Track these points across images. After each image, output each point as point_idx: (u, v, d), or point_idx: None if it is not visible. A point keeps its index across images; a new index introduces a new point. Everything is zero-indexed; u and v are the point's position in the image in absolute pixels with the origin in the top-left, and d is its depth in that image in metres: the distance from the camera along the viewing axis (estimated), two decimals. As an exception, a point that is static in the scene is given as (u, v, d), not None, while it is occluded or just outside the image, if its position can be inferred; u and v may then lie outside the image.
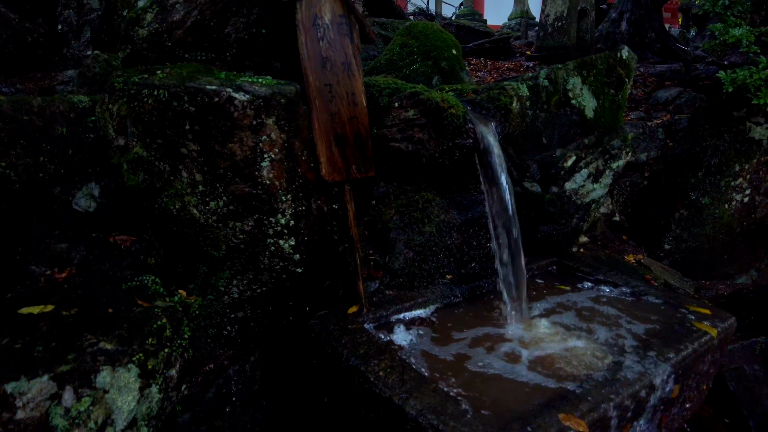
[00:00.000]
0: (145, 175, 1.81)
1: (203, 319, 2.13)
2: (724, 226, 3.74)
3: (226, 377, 2.21)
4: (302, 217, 1.92)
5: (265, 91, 1.67)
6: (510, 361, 1.95)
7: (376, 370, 1.80)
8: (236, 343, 2.28)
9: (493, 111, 2.47)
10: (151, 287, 1.73)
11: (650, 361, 1.89)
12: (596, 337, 2.10)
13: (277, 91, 1.71)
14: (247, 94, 1.63)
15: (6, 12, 3.31)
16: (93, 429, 1.22)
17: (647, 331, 2.18)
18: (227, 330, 2.24)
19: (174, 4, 1.84)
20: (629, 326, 2.20)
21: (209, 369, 2.23)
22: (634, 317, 2.29)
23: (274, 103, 1.70)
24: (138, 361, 1.35)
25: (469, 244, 2.59)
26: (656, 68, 6.04)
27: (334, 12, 2.09)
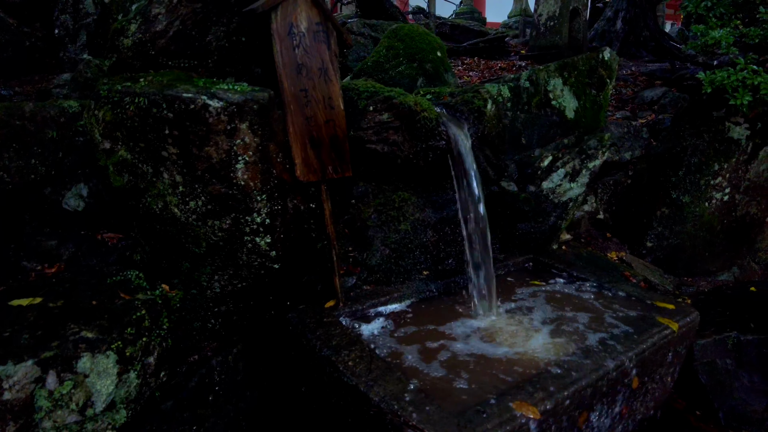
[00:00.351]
0: (129, 177, 1.93)
1: (187, 312, 2.25)
2: (705, 224, 3.83)
3: (209, 367, 2.33)
4: (278, 216, 2.03)
5: (238, 98, 1.78)
6: (474, 351, 2.05)
7: (346, 360, 1.91)
8: (220, 335, 2.40)
9: (467, 114, 2.57)
10: (134, 281, 1.85)
11: (609, 354, 1.99)
12: (560, 331, 2.20)
13: (250, 97, 1.82)
14: (221, 101, 1.74)
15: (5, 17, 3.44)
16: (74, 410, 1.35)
17: (610, 325, 2.28)
18: (211, 323, 2.36)
19: (156, 15, 1.95)
20: (593, 320, 2.30)
21: (194, 360, 2.35)
22: (600, 312, 2.39)
23: (247, 109, 1.81)
24: (116, 349, 1.47)
25: (445, 241, 2.69)
26: (648, 67, 6.10)
27: (311, 20, 2.19)
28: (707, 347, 3.02)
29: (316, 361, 2.01)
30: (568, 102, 3.54)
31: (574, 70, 3.60)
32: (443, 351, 2.06)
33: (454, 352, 2.05)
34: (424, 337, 2.16)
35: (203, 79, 1.91)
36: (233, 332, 2.41)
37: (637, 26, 7.55)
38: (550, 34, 6.10)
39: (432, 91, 2.85)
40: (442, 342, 2.12)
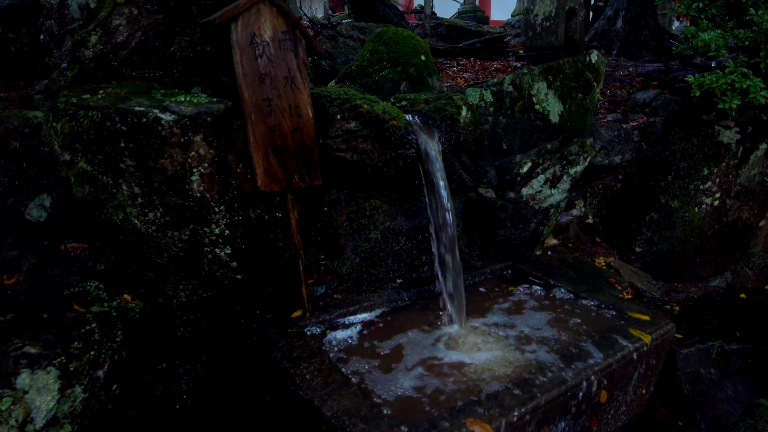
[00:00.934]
0: (90, 188, 1.93)
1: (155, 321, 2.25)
2: (695, 229, 3.76)
3: (176, 376, 2.33)
4: (239, 227, 2.03)
5: (191, 110, 1.78)
6: (437, 363, 2.03)
7: (304, 373, 1.90)
8: (190, 344, 2.40)
9: (439, 121, 2.54)
10: (92, 293, 1.85)
11: (574, 368, 1.96)
12: (527, 342, 2.17)
13: (204, 110, 1.81)
14: (173, 114, 1.73)
15: (-9, 24, 3.47)
16: (14, 426, 1.35)
17: (580, 336, 2.24)
18: (180, 331, 2.36)
19: (117, 27, 1.95)
20: (562, 332, 2.27)
21: (162, 368, 2.35)
22: (571, 324, 2.35)
23: (201, 122, 1.80)
24: (59, 364, 1.47)
25: (419, 249, 2.67)
26: (645, 68, 6.02)
27: (276, 29, 2.17)
28: (690, 356, 2.96)
29: (276, 373, 2.00)
30: (552, 106, 3.49)
31: (560, 74, 3.56)
32: (406, 363, 2.04)
33: (418, 364, 2.03)
34: (390, 349, 2.14)
35: (162, 91, 1.91)
36: (203, 341, 2.41)
37: (638, 25, 7.44)
38: (546, 34, 6.04)
39: (408, 97, 2.82)
40: (407, 354, 2.10)
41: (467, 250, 2.94)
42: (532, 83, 3.47)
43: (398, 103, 2.79)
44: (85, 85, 1.98)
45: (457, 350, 2.12)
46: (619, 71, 5.83)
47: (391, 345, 2.17)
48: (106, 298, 1.88)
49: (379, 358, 2.08)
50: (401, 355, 2.10)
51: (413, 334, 2.25)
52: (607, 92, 5.09)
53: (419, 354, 2.10)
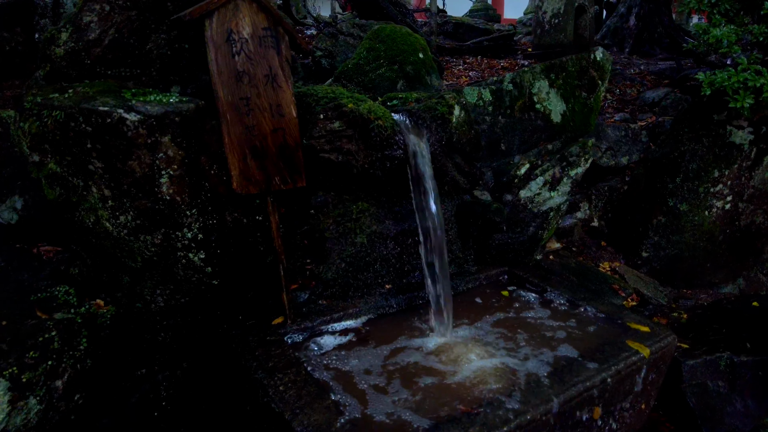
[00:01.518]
0: (61, 190, 1.87)
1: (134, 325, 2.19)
2: (705, 233, 3.60)
3: (154, 382, 2.26)
4: (213, 231, 1.95)
5: (157, 110, 1.70)
6: (419, 376, 1.93)
7: (278, 384, 1.82)
8: (171, 349, 2.33)
9: (429, 121, 2.44)
10: (60, 298, 1.79)
11: (565, 382, 1.84)
12: (515, 354, 2.06)
13: (171, 109, 1.74)
14: (138, 114, 1.66)
15: (-12, 23, 3.46)
16: (-39, 440, 1.29)
17: (573, 349, 2.12)
18: (161, 336, 2.29)
19: (89, 24, 1.89)
20: (556, 343, 2.15)
21: (140, 374, 2.29)
22: (566, 334, 2.23)
23: (168, 122, 1.73)
24: (10, 375, 1.41)
25: (409, 254, 2.57)
26: (658, 66, 5.83)
27: (256, 25, 2.09)
28: (697, 368, 2.82)
29: (250, 383, 1.93)
30: (554, 105, 3.37)
31: (563, 72, 3.43)
32: (387, 375, 1.94)
33: (399, 376, 1.93)
34: (371, 359, 2.04)
35: (132, 90, 1.84)
36: (184, 346, 2.34)
37: (651, 22, 7.24)
38: (555, 32, 5.88)
39: (399, 96, 2.73)
40: (389, 365, 2.01)
41: (461, 255, 2.83)
42: (533, 81, 3.34)
43: (389, 102, 2.70)
44: (56, 84, 1.92)
45: (440, 362, 2.02)
46: (630, 69, 5.66)
47: (374, 355, 2.07)
48: (75, 303, 1.81)
49: (359, 368, 1.99)
50: (383, 366, 2.00)
51: (398, 344, 2.15)
52: (616, 91, 4.93)
53: (401, 365, 2.00)
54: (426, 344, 2.12)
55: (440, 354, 2.06)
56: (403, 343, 2.16)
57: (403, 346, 2.13)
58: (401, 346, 2.13)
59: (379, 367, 1.99)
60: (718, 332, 3.21)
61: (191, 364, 2.34)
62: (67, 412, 1.62)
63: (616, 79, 5.33)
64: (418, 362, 2.02)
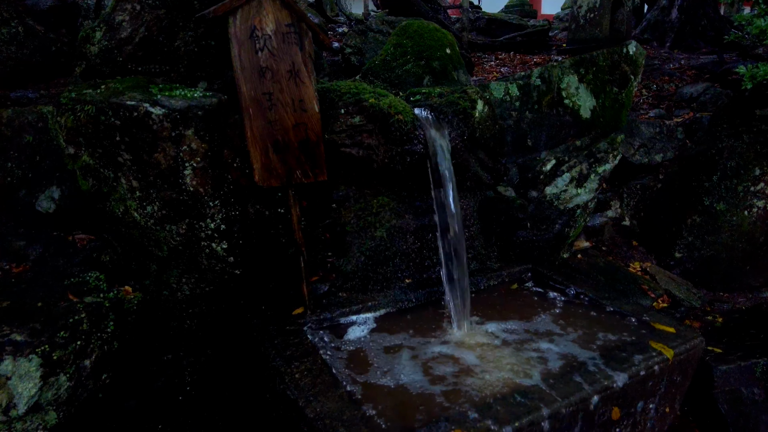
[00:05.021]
0: (93, 181, 1.97)
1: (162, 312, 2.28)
2: (745, 234, 3.44)
3: (179, 367, 2.36)
4: (235, 222, 2.01)
5: (181, 104, 1.77)
6: (434, 371, 1.94)
7: (294, 372, 1.86)
8: (197, 336, 2.42)
9: (451, 116, 2.43)
10: (92, 283, 1.89)
11: (582, 382, 1.81)
12: (533, 352, 2.04)
13: (195, 104, 1.81)
14: (163, 108, 1.73)
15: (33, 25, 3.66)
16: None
17: (594, 348, 2.08)
18: (187, 323, 2.38)
19: (120, 23, 1.98)
20: (576, 343, 2.11)
21: (167, 360, 2.39)
22: (585, 335, 2.19)
23: (191, 115, 1.79)
24: (42, 352, 1.50)
25: (430, 249, 2.57)
26: (700, 60, 5.60)
27: (279, 22, 2.14)
28: (730, 374, 2.71)
29: (268, 370, 1.98)
30: (583, 100, 3.29)
31: (593, 66, 3.34)
32: (402, 368, 1.96)
33: (413, 370, 1.94)
34: (387, 352, 2.06)
35: (160, 86, 1.92)
36: (209, 334, 2.42)
37: (695, 15, 6.94)
38: (590, 26, 5.73)
39: (423, 91, 2.73)
40: (404, 358, 2.02)
41: (484, 251, 2.81)
42: (562, 76, 3.28)
43: (412, 98, 2.71)
44: (91, 81, 2.02)
45: (456, 359, 2.01)
46: (670, 64, 5.46)
47: (390, 348, 2.09)
48: (104, 288, 1.91)
49: (374, 360, 2.01)
50: (398, 359, 2.02)
51: (415, 338, 2.16)
52: (653, 87, 4.77)
53: (417, 359, 2.01)
54: (443, 340, 2.13)
55: (457, 349, 2.06)
56: (421, 337, 2.16)
57: (422, 341, 2.14)
58: (420, 340, 2.14)
59: (395, 360, 2.00)
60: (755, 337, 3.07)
61: (215, 351, 2.42)
62: (95, 390, 1.72)
63: (653, 75, 5.15)
64: (433, 357, 2.02)
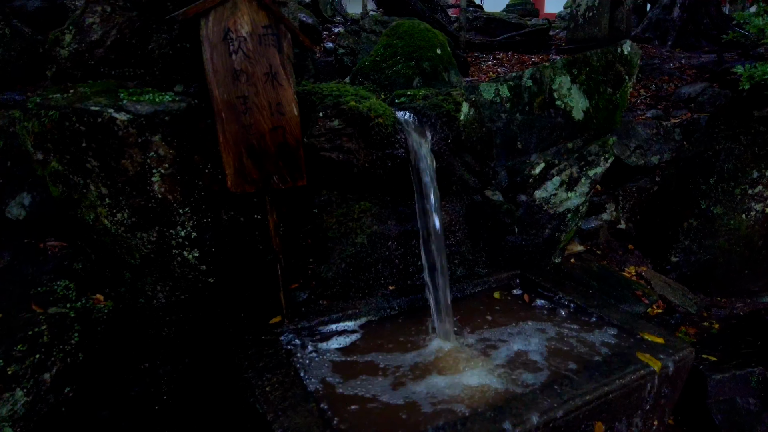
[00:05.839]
0: (63, 187, 1.93)
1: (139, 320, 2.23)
2: (743, 238, 3.36)
3: (155, 376, 2.31)
4: (207, 229, 1.96)
5: (147, 109, 1.72)
6: (411, 383, 1.88)
7: (264, 385, 1.81)
8: (175, 343, 2.37)
9: (434, 119, 2.37)
10: (60, 292, 1.85)
11: (561, 395, 1.75)
12: (515, 364, 1.97)
13: (161, 109, 1.76)
14: (128, 114, 1.68)
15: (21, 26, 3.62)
16: (-50, 428, 1.35)
17: (579, 360, 2.01)
18: (165, 331, 2.33)
19: (91, 25, 1.93)
20: (560, 354, 2.05)
21: (144, 367, 2.34)
22: (572, 343, 2.12)
23: (158, 121, 1.74)
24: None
25: (414, 255, 2.51)
26: (700, 59, 5.50)
27: (256, 24, 2.09)
28: (725, 383, 2.63)
29: (241, 382, 1.93)
30: (576, 102, 3.22)
31: (586, 67, 3.27)
32: (377, 381, 1.90)
33: (388, 384, 1.88)
34: (364, 363, 2.01)
35: (130, 90, 1.87)
36: (187, 341, 2.37)
37: (698, 13, 6.83)
38: (589, 25, 5.65)
39: (408, 93, 2.67)
40: (381, 371, 1.96)
41: (471, 257, 2.75)
42: (554, 77, 3.20)
43: (397, 100, 2.65)
44: (61, 84, 1.98)
45: (435, 370, 1.95)
46: (670, 63, 5.36)
47: (367, 359, 2.03)
48: (73, 298, 1.87)
49: (350, 372, 1.95)
50: (375, 371, 1.96)
51: (394, 349, 2.10)
52: (651, 86, 4.68)
53: (393, 373, 1.95)
54: (422, 352, 2.06)
55: (435, 361, 2.00)
56: (401, 347, 2.11)
57: (402, 351, 2.08)
58: (399, 350, 2.08)
59: (371, 372, 1.95)
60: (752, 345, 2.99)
61: (193, 359, 2.37)
62: (57, 404, 1.67)
63: (653, 74, 5.06)
64: (410, 370, 1.96)
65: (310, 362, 2.01)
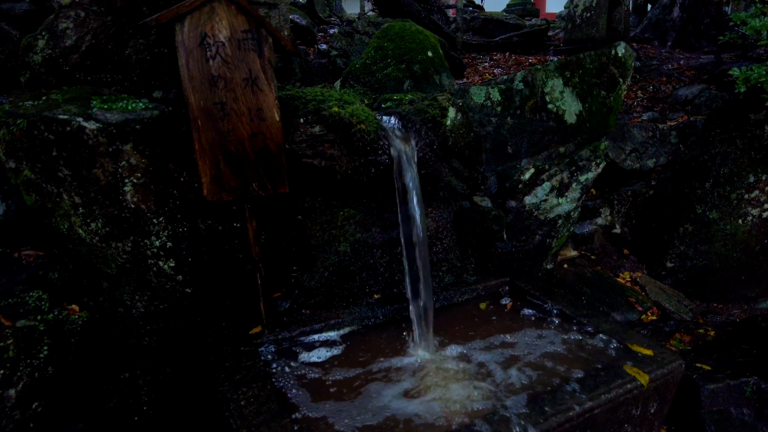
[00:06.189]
0: (37, 196, 1.89)
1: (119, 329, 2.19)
2: (739, 243, 3.30)
3: (134, 387, 2.27)
4: (183, 239, 1.92)
5: (117, 118, 1.68)
6: (390, 397, 1.83)
7: (239, 399, 1.76)
8: (156, 353, 2.33)
9: (419, 124, 2.32)
10: (31, 304, 1.81)
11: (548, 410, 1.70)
12: (498, 378, 1.92)
13: (132, 117, 1.71)
14: (97, 122, 1.64)
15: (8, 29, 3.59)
16: None
17: (564, 373, 1.96)
18: (146, 340, 2.29)
19: (64, 30, 1.89)
20: (546, 367, 1.99)
21: (124, 378, 2.30)
22: (558, 355, 2.07)
23: (129, 130, 1.70)
24: (-43, 385, 1.43)
25: (400, 263, 2.46)
26: (699, 60, 5.43)
27: (235, 28, 2.04)
28: (718, 393, 2.58)
29: (218, 395, 1.88)
30: (568, 105, 3.16)
31: (579, 69, 3.21)
32: (355, 395, 1.85)
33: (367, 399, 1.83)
34: (343, 376, 1.96)
35: (104, 97, 1.83)
36: (169, 350, 2.33)
37: (697, 13, 6.76)
38: (586, 26, 5.58)
39: (394, 97, 2.62)
40: (360, 384, 1.91)
41: (460, 264, 2.70)
42: (546, 80, 3.15)
43: (384, 104, 2.60)
44: (35, 91, 1.94)
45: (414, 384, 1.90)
46: (669, 64, 5.29)
47: (347, 373, 1.98)
48: (45, 309, 1.83)
49: (328, 385, 1.91)
50: (354, 385, 1.91)
51: (376, 361, 2.06)
52: (649, 88, 4.62)
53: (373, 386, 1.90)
54: (403, 364, 2.01)
55: (416, 374, 1.95)
56: (381, 359, 2.06)
57: (381, 364, 2.03)
58: (379, 363, 2.04)
59: (350, 385, 1.90)
60: (747, 353, 2.93)
61: (175, 369, 2.33)
62: (24, 420, 1.63)
63: (651, 75, 5.00)
64: (391, 382, 1.92)
65: (288, 375, 1.96)
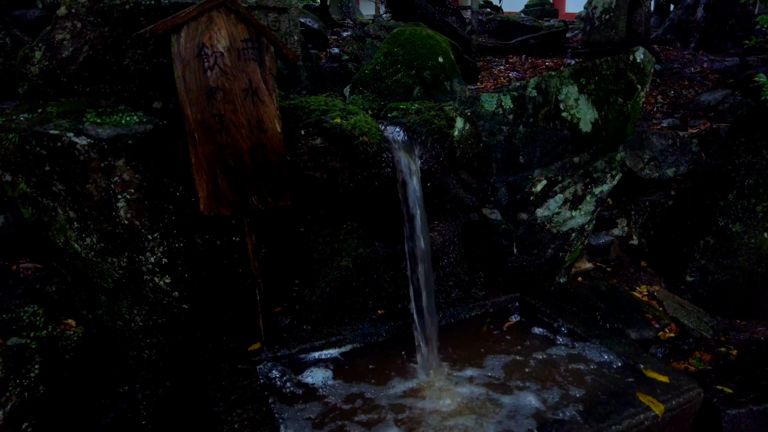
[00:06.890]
0: (33, 209, 1.86)
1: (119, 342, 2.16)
2: (764, 258, 3.15)
3: (132, 401, 2.23)
4: (179, 255, 1.87)
5: (108, 133, 1.64)
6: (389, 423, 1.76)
7: (233, 421, 1.71)
8: (157, 366, 2.29)
9: (425, 136, 2.24)
10: (26, 319, 1.78)
11: (552, 441, 1.61)
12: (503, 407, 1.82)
13: (124, 132, 1.67)
14: (88, 138, 1.60)
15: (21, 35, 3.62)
16: None
17: (574, 401, 1.86)
18: (146, 353, 2.26)
19: (61, 41, 1.86)
20: (554, 395, 1.90)
21: (123, 391, 2.27)
22: (568, 382, 1.97)
23: (120, 145, 1.66)
24: (-58, 409, 1.40)
25: (404, 278, 2.39)
26: (724, 63, 5.23)
27: (234, 38, 1.99)
28: (741, 419, 2.44)
29: (211, 415, 1.83)
30: (584, 113, 3.05)
31: (595, 76, 3.10)
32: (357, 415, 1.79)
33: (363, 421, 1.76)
34: (342, 399, 1.89)
35: (99, 110, 1.79)
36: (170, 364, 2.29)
37: (723, 14, 6.53)
38: (605, 28, 5.43)
39: (401, 107, 2.54)
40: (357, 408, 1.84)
41: (468, 278, 2.61)
42: (560, 87, 3.04)
43: (390, 114, 2.52)
44: (33, 103, 1.91)
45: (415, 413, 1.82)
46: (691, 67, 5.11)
47: (347, 394, 1.92)
48: (40, 325, 1.80)
49: (326, 408, 1.84)
50: (352, 408, 1.84)
51: (376, 382, 1.98)
52: (670, 93, 4.46)
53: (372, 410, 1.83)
54: (405, 388, 1.93)
55: (418, 401, 1.87)
56: (382, 381, 1.99)
57: (381, 386, 1.96)
58: (379, 384, 1.96)
59: (348, 410, 1.83)
60: (772, 375, 2.78)
61: (175, 383, 2.29)
62: (15, 441, 1.61)
63: (672, 79, 4.83)
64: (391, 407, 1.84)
65: (286, 396, 1.91)
